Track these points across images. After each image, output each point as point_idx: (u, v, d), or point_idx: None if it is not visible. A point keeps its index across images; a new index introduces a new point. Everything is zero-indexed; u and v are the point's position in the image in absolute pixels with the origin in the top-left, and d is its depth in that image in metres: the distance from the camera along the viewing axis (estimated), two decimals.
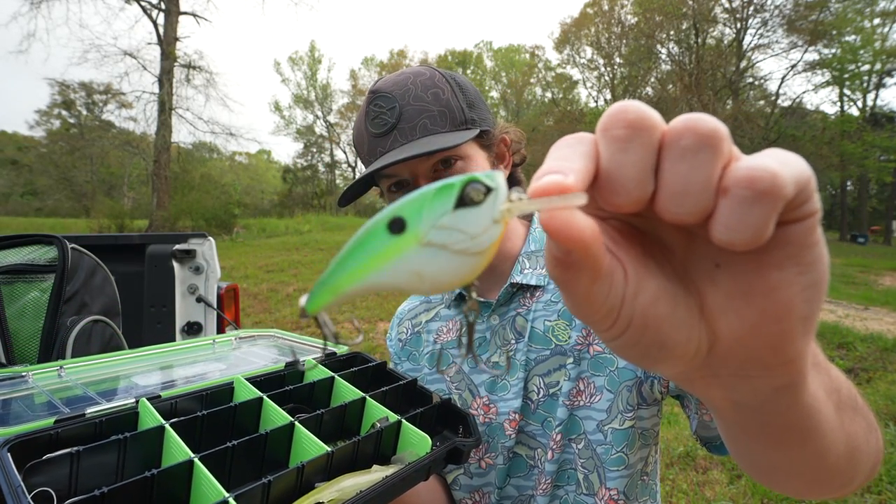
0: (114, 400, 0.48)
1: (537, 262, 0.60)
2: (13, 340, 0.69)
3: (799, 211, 0.15)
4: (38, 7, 15.51)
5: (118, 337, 0.79)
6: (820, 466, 0.24)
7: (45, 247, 0.74)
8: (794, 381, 0.19)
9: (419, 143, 0.51)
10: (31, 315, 0.71)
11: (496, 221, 0.16)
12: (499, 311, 0.61)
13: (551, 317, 0.58)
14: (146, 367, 0.63)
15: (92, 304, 0.77)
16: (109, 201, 19.30)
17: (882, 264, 11.49)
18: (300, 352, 0.71)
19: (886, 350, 4.41)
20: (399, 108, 0.52)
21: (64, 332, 0.71)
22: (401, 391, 0.57)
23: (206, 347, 0.72)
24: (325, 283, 0.17)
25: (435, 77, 0.54)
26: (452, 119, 0.52)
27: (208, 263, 1.57)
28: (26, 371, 0.56)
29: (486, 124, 0.55)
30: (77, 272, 0.75)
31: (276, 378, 0.57)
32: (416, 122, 0.52)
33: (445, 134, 0.51)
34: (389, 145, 0.53)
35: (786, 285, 0.16)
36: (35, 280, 0.73)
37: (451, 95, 0.53)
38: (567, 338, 0.56)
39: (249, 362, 0.67)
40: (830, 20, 18.22)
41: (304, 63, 30.75)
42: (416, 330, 0.71)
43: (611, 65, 25.80)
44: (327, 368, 0.58)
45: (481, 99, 0.58)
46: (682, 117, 0.16)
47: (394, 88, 0.53)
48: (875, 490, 2.24)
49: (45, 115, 25.34)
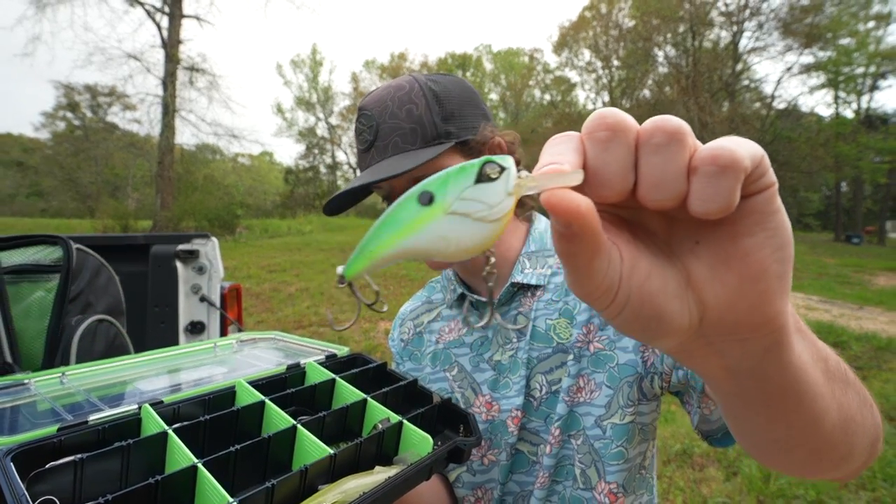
0: (117, 406, 0.49)
1: (537, 263, 0.61)
2: (19, 339, 0.69)
3: (758, 183, 0.18)
4: (43, 11, 15.49)
5: (122, 336, 0.80)
6: (816, 434, 0.26)
7: (50, 247, 0.75)
8: (779, 340, 0.21)
9: (388, 161, 0.53)
10: (37, 314, 0.72)
11: (509, 194, 0.19)
12: (500, 311, 0.62)
13: (552, 315, 0.58)
14: (148, 372, 0.63)
15: (96, 303, 0.78)
16: (114, 202, 19.15)
17: (876, 264, 11.57)
18: (301, 354, 0.71)
19: (880, 349, 4.44)
20: (377, 125, 0.54)
21: (69, 331, 0.71)
22: (401, 392, 0.57)
23: (207, 351, 0.72)
24: (362, 249, 0.19)
25: (413, 91, 0.55)
26: (423, 135, 0.53)
27: (211, 263, 1.58)
28: (28, 378, 0.57)
29: (467, 133, 0.55)
30: (82, 272, 0.76)
31: (278, 381, 0.57)
32: (389, 141, 0.54)
33: (415, 151, 0.53)
34: (368, 162, 0.55)
35: (757, 249, 0.19)
36: (40, 280, 0.74)
37: (425, 110, 0.54)
38: (568, 335, 0.57)
39: (251, 365, 0.67)
40: (825, 23, 18.36)
41: (305, 66, 30.75)
42: (419, 330, 0.71)
43: (608, 67, 25.91)
44: (328, 370, 0.58)
45: (472, 103, 0.57)
46: (651, 119, 0.19)
47: (374, 106, 0.55)
48: (869, 487, 2.26)
49: (51, 117, 25.25)
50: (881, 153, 18.39)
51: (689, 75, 20.26)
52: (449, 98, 0.55)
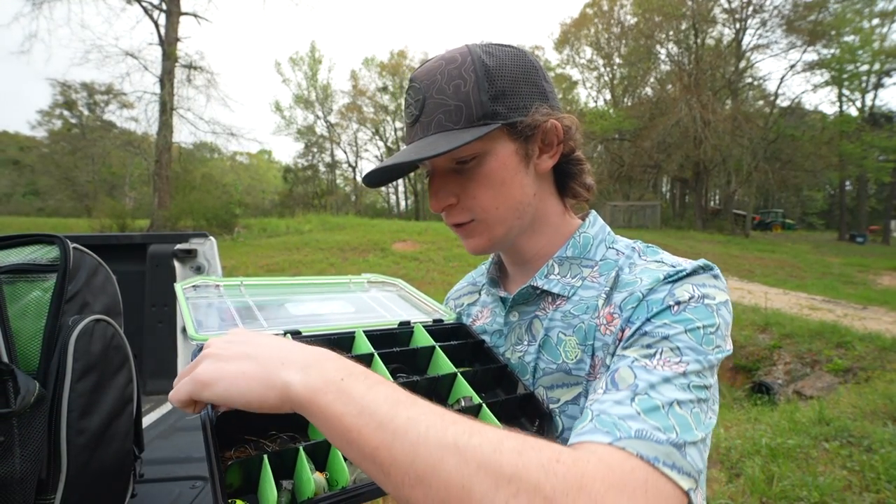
0: (272, 322, 0.61)
1: (569, 271, 0.57)
2: (15, 340, 0.69)
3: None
4: (39, 8, 15.45)
5: (120, 336, 0.80)
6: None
7: (46, 246, 0.74)
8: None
9: (431, 139, 0.51)
10: (33, 314, 0.71)
11: None
12: (520, 309, 0.60)
13: (566, 330, 0.55)
14: (301, 295, 0.74)
15: (94, 303, 0.77)
16: (111, 201, 19.20)
17: (880, 264, 11.52)
18: (416, 307, 0.77)
19: (885, 349, 4.42)
20: (423, 99, 0.52)
21: (65, 331, 0.71)
22: (490, 373, 0.59)
23: (342, 286, 0.82)
24: None
25: (464, 65, 0.51)
26: (468, 114, 0.50)
27: (209, 263, 1.57)
28: (219, 282, 0.70)
29: (517, 114, 0.51)
30: (79, 272, 0.75)
31: (388, 336, 0.63)
32: (433, 118, 0.51)
33: (458, 131, 0.50)
34: (412, 137, 0.53)
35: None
36: (37, 280, 0.73)
37: (473, 87, 0.50)
38: (574, 357, 0.53)
39: (372, 309, 0.75)
40: (829, 20, 18.24)
41: (304, 63, 30.69)
42: (459, 311, 0.72)
43: (610, 65, 25.83)
44: (432, 336, 0.63)
45: (528, 80, 0.52)
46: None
47: (424, 78, 0.52)
48: (874, 489, 2.24)
49: (47, 115, 25.32)
50: (886, 151, 18.29)
51: (692, 73, 20.17)
52: (502, 74, 0.51)
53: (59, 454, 0.60)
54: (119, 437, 0.70)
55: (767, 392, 4.73)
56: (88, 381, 0.66)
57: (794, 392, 4.49)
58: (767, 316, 5.77)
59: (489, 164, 0.52)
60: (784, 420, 3.07)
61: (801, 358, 4.91)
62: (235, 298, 0.67)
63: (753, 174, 19.21)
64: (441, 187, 0.54)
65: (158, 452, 1.11)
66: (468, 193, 0.53)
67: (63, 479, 0.60)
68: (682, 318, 0.45)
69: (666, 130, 19.38)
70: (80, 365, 0.65)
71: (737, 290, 7.82)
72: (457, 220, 0.55)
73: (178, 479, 0.98)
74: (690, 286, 0.47)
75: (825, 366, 4.63)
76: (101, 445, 0.66)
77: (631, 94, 25.86)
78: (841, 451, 2.59)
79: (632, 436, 0.36)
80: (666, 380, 0.41)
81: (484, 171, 0.52)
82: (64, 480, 0.60)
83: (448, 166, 0.54)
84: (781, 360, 5.05)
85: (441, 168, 0.54)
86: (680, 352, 0.43)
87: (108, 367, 0.70)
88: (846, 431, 2.78)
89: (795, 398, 4.27)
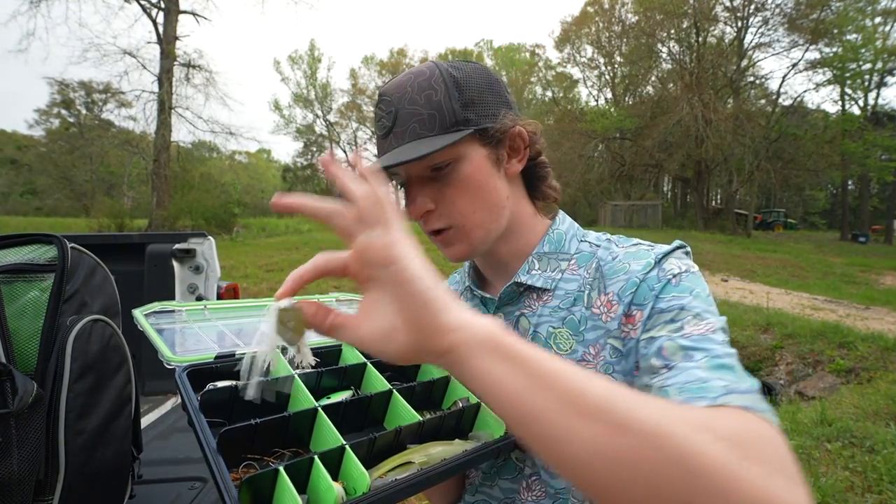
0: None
1: (548, 265, 0.58)
2: (13, 340, 0.69)
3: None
4: (37, 6, 15.46)
5: (118, 337, 0.79)
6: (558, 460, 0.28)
7: (44, 246, 0.74)
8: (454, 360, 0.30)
9: (405, 147, 0.52)
10: (31, 314, 0.71)
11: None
12: (504, 310, 0.60)
13: (556, 324, 0.56)
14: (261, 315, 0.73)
15: (92, 303, 0.77)
16: (109, 200, 19.20)
17: (883, 264, 11.49)
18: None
19: (887, 349, 4.41)
20: (395, 111, 0.54)
21: (64, 331, 0.71)
22: None
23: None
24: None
25: (433, 77, 0.54)
26: (442, 121, 0.52)
27: (208, 263, 1.57)
28: (180, 307, 0.68)
29: (487, 120, 0.54)
30: (77, 271, 0.75)
31: None
32: (407, 127, 0.53)
33: (432, 138, 0.52)
34: (386, 148, 0.55)
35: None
36: (35, 279, 0.73)
37: (445, 96, 0.53)
38: (568, 348, 0.54)
39: None
40: (831, 19, 18.18)
41: (303, 62, 30.72)
42: None
43: (611, 63, 25.78)
44: None
45: (493, 91, 0.56)
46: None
47: (394, 91, 0.54)
48: (876, 490, 2.24)
49: (45, 114, 25.35)
50: (888, 150, 18.25)
51: (693, 72, 20.12)
52: (469, 85, 0.54)
53: (57, 455, 0.60)
54: (117, 437, 0.70)
55: (769, 393, 4.72)
56: (86, 381, 0.66)
57: (796, 392, 4.49)
58: (769, 316, 5.75)
59: (464, 169, 0.53)
60: (786, 421, 3.06)
61: (803, 358, 4.89)
62: (204, 322, 0.65)
63: (755, 173, 19.17)
64: (418, 194, 0.55)
65: (157, 453, 1.11)
66: (446, 199, 0.54)
67: (61, 480, 0.60)
68: (684, 288, 0.48)
69: (667, 129, 19.36)
70: (78, 365, 0.65)
71: (738, 290, 7.80)
72: (434, 226, 0.56)
73: (176, 479, 0.98)
74: (675, 261, 0.52)
75: (827, 366, 4.61)
76: (100, 446, 0.66)
77: (632, 92, 25.82)
78: (843, 452, 2.58)
79: (724, 392, 0.37)
80: (708, 339, 0.43)
81: (460, 176, 0.53)
82: (62, 481, 0.60)
83: (423, 174, 0.54)
84: (783, 360, 5.04)
85: (416, 176, 0.55)
86: (700, 316, 0.46)
87: (107, 368, 0.70)
88: (848, 432, 2.77)
89: (797, 399, 4.27)
